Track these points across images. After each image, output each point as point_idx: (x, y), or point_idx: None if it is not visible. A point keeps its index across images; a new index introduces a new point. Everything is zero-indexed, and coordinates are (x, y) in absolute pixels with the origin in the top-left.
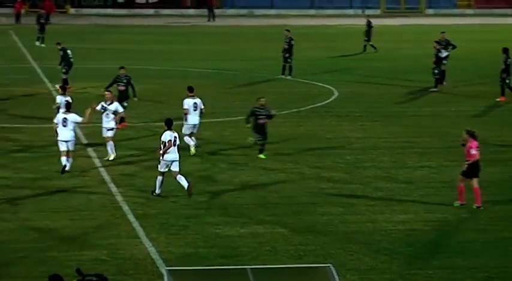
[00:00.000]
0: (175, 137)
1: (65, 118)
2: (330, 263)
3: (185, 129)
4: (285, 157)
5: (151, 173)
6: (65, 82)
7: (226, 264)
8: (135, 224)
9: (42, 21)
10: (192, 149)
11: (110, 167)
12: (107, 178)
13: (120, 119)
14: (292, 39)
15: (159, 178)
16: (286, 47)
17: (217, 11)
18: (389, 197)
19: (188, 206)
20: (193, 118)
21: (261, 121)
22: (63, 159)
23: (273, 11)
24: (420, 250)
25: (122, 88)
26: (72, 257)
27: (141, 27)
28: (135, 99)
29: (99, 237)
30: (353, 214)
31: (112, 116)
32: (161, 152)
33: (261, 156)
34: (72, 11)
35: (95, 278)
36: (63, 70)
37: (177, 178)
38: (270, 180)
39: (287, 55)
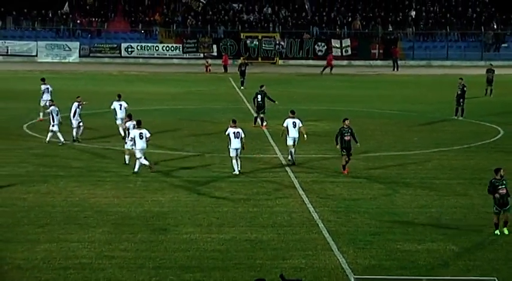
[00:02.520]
0: (140, 133)
1: (238, 132)
2: (495, 276)
3: (288, 141)
4: (456, 186)
5: (345, 195)
6: (255, 119)
7: (405, 275)
8: (329, 239)
9: (243, 68)
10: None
11: (309, 191)
12: (306, 199)
13: None
14: (465, 86)
15: (138, 162)
16: (460, 92)
17: (400, 62)
18: None
19: (373, 225)
20: (293, 133)
21: (502, 191)
22: (234, 162)
23: (448, 62)
24: None
25: (348, 138)
26: (277, 264)
27: (337, 75)
28: (358, 144)
29: (299, 249)
30: None
31: None
32: (126, 141)
33: (505, 231)
34: (280, 62)
35: None
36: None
37: (140, 160)
38: (443, 204)
39: (461, 100)
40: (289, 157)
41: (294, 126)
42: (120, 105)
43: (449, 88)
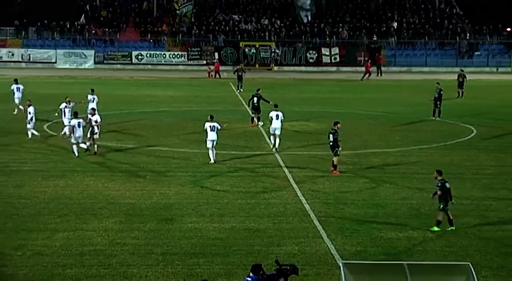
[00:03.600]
0: (79, 122)
1: (213, 125)
2: (469, 261)
3: (271, 131)
4: (434, 180)
5: (334, 189)
6: (252, 119)
7: (388, 260)
8: (319, 227)
9: (240, 73)
10: (276, 147)
11: (301, 184)
12: (298, 192)
13: None
14: (441, 90)
15: (75, 147)
16: (437, 95)
17: (383, 69)
18: None
19: (359, 215)
20: (275, 124)
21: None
22: (210, 152)
23: (426, 68)
24: None
25: (335, 137)
26: (272, 251)
27: (327, 80)
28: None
29: (292, 236)
30: (487, 224)
31: None
32: (67, 132)
33: (435, 228)
34: (275, 68)
35: (289, 267)
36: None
37: (80, 145)
38: (422, 196)
39: (438, 102)
40: (273, 142)
41: (277, 118)
42: (94, 98)
43: (427, 92)
